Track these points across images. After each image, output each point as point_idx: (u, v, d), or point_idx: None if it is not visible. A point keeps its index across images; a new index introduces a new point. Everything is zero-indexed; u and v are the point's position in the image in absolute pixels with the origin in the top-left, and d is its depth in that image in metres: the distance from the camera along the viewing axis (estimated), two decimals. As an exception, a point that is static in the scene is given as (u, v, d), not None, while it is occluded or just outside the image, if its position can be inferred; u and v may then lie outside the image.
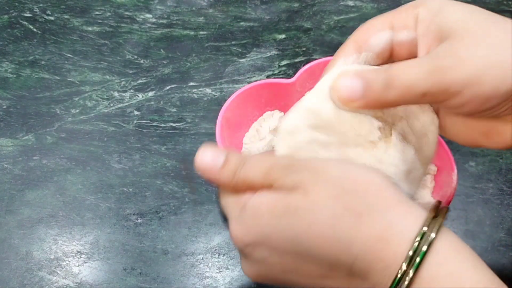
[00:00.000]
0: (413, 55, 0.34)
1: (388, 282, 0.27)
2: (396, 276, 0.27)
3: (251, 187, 0.31)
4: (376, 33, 0.35)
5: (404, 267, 0.27)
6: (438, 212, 0.29)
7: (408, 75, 0.30)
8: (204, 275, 0.50)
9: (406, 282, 0.27)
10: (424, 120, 0.34)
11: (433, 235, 0.27)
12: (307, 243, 0.29)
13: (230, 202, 0.32)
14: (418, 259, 0.27)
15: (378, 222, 0.28)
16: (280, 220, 0.29)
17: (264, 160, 0.31)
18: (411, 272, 0.27)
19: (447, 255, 0.27)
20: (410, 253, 0.27)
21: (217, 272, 0.50)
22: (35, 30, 0.68)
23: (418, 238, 0.27)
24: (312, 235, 0.29)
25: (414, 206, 0.29)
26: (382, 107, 0.32)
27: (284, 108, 0.55)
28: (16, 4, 0.70)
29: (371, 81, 0.31)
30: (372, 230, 0.28)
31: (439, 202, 0.30)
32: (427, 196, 0.49)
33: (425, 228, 0.27)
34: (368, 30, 0.35)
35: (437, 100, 0.30)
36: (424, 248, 0.27)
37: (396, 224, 0.28)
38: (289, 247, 0.30)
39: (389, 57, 0.35)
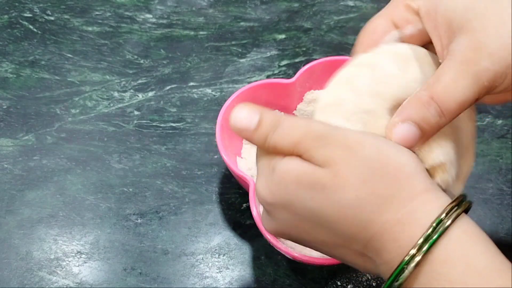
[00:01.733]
0: (424, 43, 0.35)
1: (398, 261, 0.28)
2: (407, 255, 0.28)
3: (281, 152, 0.31)
4: (382, 36, 0.35)
5: (414, 249, 0.28)
6: (460, 203, 0.29)
7: (455, 94, 0.30)
8: (204, 275, 0.50)
9: (413, 264, 0.28)
10: (461, 116, 0.34)
11: (448, 222, 0.28)
12: (328, 218, 0.30)
13: (261, 161, 0.33)
14: (428, 243, 0.27)
15: (401, 209, 0.29)
16: (306, 192, 0.30)
17: (297, 127, 0.31)
18: (419, 255, 0.28)
19: (460, 240, 0.28)
20: (423, 238, 0.28)
21: (217, 272, 0.50)
22: (35, 30, 0.68)
23: (434, 224, 0.28)
24: (335, 212, 0.29)
25: (439, 194, 0.30)
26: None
27: (284, 108, 0.55)
28: (16, 4, 0.70)
29: (424, 120, 0.31)
30: (393, 216, 0.29)
31: (464, 196, 0.30)
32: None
33: (443, 216, 0.28)
34: (373, 35, 0.35)
35: (487, 94, 0.31)
36: (438, 233, 0.28)
37: (417, 211, 0.29)
38: (310, 217, 0.30)
39: None
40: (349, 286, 0.49)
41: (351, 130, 0.31)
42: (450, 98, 0.30)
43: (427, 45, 0.35)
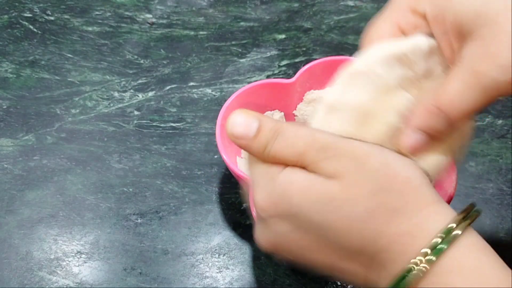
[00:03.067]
0: None
1: (404, 271, 0.28)
2: (411, 263, 0.28)
3: (282, 163, 0.30)
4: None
5: (418, 260, 0.28)
6: (467, 215, 0.29)
7: (462, 105, 0.30)
8: (204, 275, 0.50)
9: (415, 272, 0.28)
10: None
11: (456, 233, 0.28)
12: (336, 231, 0.29)
13: (257, 170, 0.31)
14: (433, 255, 0.27)
15: (409, 220, 0.29)
16: (313, 205, 0.29)
17: (301, 136, 0.30)
18: (423, 266, 0.27)
19: (466, 252, 0.28)
20: (429, 248, 0.28)
21: (217, 272, 0.50)
22: (35, 30, 0.68)
23: (441, 236, 0.28)
24: (344, 225, 0.29)
25: (445, 206, 0.30)
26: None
27: (284, 108, 0.55)
28: (16, 4, 0.70)
29: (433, 129, 0.31)
30: (402, 228, 0.29)
31: (472, 206, 0.30)
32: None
33: (450, 226, 0.28)
34: (379, 41, 0.34)
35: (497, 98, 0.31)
36: (443, 245, 0.28)
37: (425, 223, 0.29)
38: (316, 230, 0.30)
39: None
40: (349, 286, 0.49)
41: (357, 141, 0.30)
42: (457, 109, 0.30)
43: None
